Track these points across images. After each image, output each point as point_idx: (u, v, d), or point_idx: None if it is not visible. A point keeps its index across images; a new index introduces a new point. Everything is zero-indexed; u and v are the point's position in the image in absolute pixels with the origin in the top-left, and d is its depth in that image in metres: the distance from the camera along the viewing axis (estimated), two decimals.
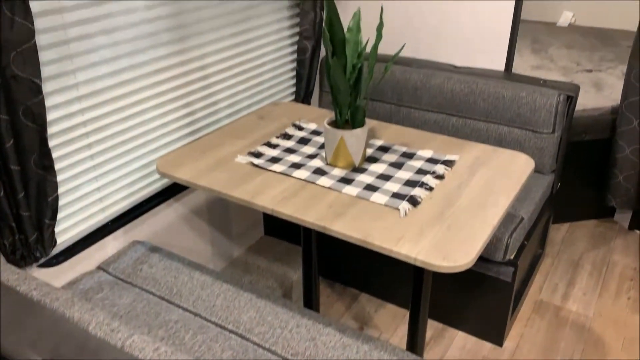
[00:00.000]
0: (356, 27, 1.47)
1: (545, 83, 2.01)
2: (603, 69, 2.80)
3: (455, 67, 2.19)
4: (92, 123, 1.47)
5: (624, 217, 2.57)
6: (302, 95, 2.19)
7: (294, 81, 2.22)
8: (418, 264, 1.15)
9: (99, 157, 1.52)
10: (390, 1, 2.24)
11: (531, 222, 1.90)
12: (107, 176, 1.56)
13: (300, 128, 1.76)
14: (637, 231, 2.53)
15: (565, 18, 3.66)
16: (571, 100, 1.96)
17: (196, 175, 1.47)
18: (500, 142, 2.04)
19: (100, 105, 1.47)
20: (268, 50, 2.03)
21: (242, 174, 1.48)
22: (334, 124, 1.52)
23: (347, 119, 1.50)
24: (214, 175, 1.47)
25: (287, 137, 1.70)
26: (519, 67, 2.82)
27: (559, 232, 2.52)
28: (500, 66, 2.15)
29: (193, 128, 1.81)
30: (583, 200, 2.55)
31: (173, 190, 1.80)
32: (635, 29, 3.39)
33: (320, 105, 2.38)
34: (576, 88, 1.98)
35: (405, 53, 2.29)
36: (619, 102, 2.33)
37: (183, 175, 1.47)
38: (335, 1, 2.27)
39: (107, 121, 1.50)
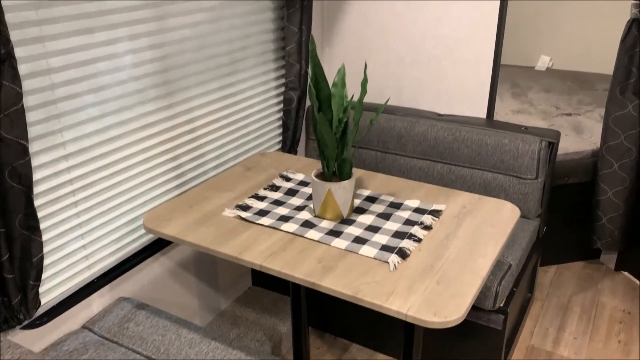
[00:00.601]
0: (341, 82, 1.50)
1: (526, 130, 2.05)
2: (582, 113, 2.87)
3: (439, 114, 2.23)
4: (79, 181, 1.46)
5: (609, 259, 2.59)
6: (289, 144, 2.20)
7: (280, 130, 2.24)
8: (409, 320, 1.15)
9: (85, 214, 1.50)
10: (373, 52, 2.29)
11: (519, 268, 1.90)
12: (94, 233, 1.55)
13: (287, 179, 1.77)
14: (624, 272, 2.54)
15: (542, 62, 3.77)
16: (552, 146, 2.00)
17: (183, 231, 1.46)
18: (485, 188, 2.07)
19: (87, 163, 1.47)
20: (254, 101, 2.06)
21: (230, 228, 1.47)
22: (322, 176, 1.53)
23: (335, 171, 1.51)
24: (201, 230, 1.46)
25: (274, 188, 1.71)
26: (500, 111, 2.89)
27: (546, 275, 2.53)
28: (482, 113, 2.20)
29: (180, 181, 1.81)
30: (569, 242, 2.57)
31: (160, 244, 1.78)
32: (610, 72, 3.49)
33: (307, 153, 2.40)
34: (557, 134, 2.02)
35: (389, 101, 2.34)
36: (599, 145, 2.38)
37: (170, 231, 1.46)
38: (318, 57, 2.32)
39: (93, 178, 1.50)
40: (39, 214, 1.36)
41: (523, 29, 3.80)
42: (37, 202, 1.36)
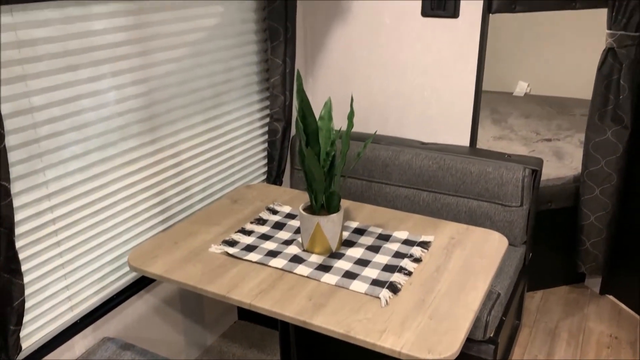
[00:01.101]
0: (328, 116, 1.50)
1: (510, 158, 2.07)
2: (561, 138, 2.92)
3: (423, 143, 2.24)
4: (61, 220, 1.43)
5: (594, 282, 2.61)
6: (274, 175, 2.19)
7: (265, 161, 2.23)
8: (403, 357, 1.13)
9: (68, 253, 1.47)
10: (357, 83, 2.31)
11: (507, 296, 1.90)
12: (76, 273, 1.51)
13: (274, 212, 1.76)
14: (609, 296, 2.56)
15: (520, 88, 3.84)
16: (536, 173, 2.03)
17: (169, 269, 1.43)
18: (471, 215, 2.07)
19: (70, 202, 1.44)
20: (239, 133, 2.05)
21: (217, 265, 1.45)
22: (310, 209, 1.52)
23: (323, 204, 1.51)
24: (188, 268, 1.44)
25: (261, 222, 1.69)
26: (481, 138, 2.92)
27: (533, 301, 2.53)
28: (466, 141, 2.22)
29: (165, 216, 1.78)
30: (554, 267, 2.58)
31: (144, 282, 1.75)
32: (586, 97, 3.57)
33: (292, 183, 2.39)
34: (539, 162, 2.05)
35: (372, 130, 2.35)
36: (580, 171, 2.41)
37: (155, 269, 1.43)
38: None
39: (76, 217, 1.46)
40: (20, 256, 1.33)
41: (501, 55, 3.87)
42: (18, 244, 1.32)
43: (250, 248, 1.53)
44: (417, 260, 1.46)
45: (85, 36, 1.38)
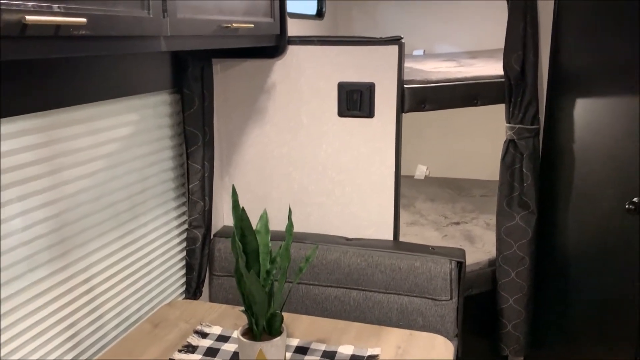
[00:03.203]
0: (264, 229, 1.42)
1: (434, 250, 2.10)
2: (468, 221, 3.05)
3: (347, 239, 2.21)
4: None
5: None
6: (194, 286, 2.03)
7: (183, 272, 2.06)
8: None
9: None
10: (275, 181, 2.26)
11: None
12: None
13: (203, 335, 1.60)
14: None
15: (420, 171, 4.02)
16: (461, 265, 2.06)
17: None
18: (403, 312, 2.04)
19: None
20: (157, 245, 1.89)
21: None
22: (249, 334, 1.40)
23: (264, 326, 1.39)
24: None
25: (191, 349, 1.53)
26: None
27: None
28: (389, 235, 2.22)
29: (77, 351, 1.56)
30: (479, 351, 2.61)
31: None
32: (481, 178, 3.80)
33: (211, 292, 2.22)
34: (462, 253, 2.09)
35: (296, 228, 2.28)
36: (493, 254, 2.50)
37: None
38: (217, 187, 2.23)
39: None
40: None
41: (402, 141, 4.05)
42: None
43: None
44: None
45: None
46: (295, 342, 1.55)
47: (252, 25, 1.71)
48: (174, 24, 1.33)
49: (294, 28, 3.31)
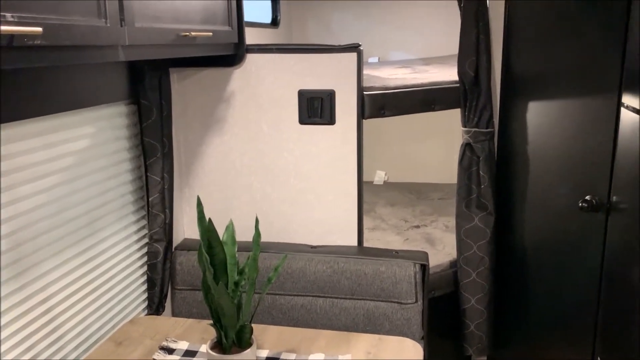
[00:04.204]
0: (231, 240, 1.40)
1: (398, 254, 2.12)
2: (428, 224, 3.10)
3: (312, 247, 2.21)
4: None
5: None
6: (157, 302, 1.98)
7: (145, 287, 2.01)
8: None
9: None
10: (237, 191, 2.23)
11: None
12: None
13: (170, 351, 1.56)
14: None
15: (379, 177, 4.06)
16: (425, 268, 2.08)
17: None
18: (369, 317, 2.05)
19: None
20: (117, 260, 1.84)
21: None
22: (218, 347, 1.37)
23: (233, 339, 1.37)
24: None
25: None
26: None
27: None
28: (353, 241, 2.23)
29: None
30: (444, 352, 2.64)
31: None
32: (438, 181, 3.86)
33: (174, 306, 2.16)
34: (425, 256, 2.12)
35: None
36: (454, 256, 2.54)
37: None
38: (178, 199, 2.18)
39: None
40: None
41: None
42: None
43: None
44: None
45: None
46: (265, 353, 1.53)
47: (211, 33, 1.69)
48: (132, 33, 1.30)
49: (249, 37, 3.31)
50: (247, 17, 3.43)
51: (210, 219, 1.27)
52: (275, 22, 3.75)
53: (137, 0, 1.32)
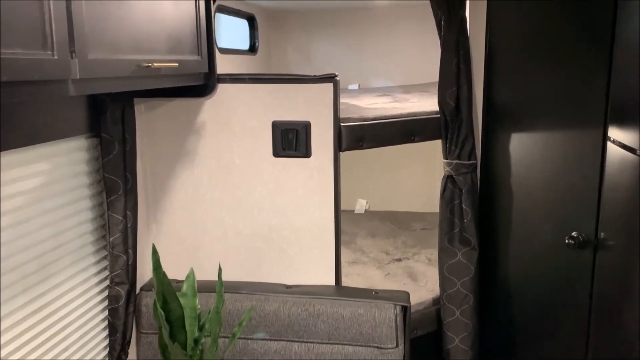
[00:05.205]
0: (191, 291, 1.28)
1: (378, 295, 2.01)
2: (410, 257, 2.99)
3: (287, 286, 2.08)
4: None
5: None
6: (119, 349, 1.84)
7: (106, 333, 1.86)
8: None
9: None
10: (207, 226, 2.12)
11: None
12: None
13: None
14: None
15: (360, 205, 3.96)
16: (406, 309, 1.97)
17: None
18: None
19: None
20: (74, 306, 1.70)
21: None
22: None
23: None
24: None
25: None
26: None
27: None
28: (331, 280, 2.11)
29: None
30: None
31: None
32: (420, 210, 3.77)
33: (139, 352, 2.02)
34: (407, 296, 2.01)
35: (231, 277, 2.13)
36: (437, 292, 2.44)
37: None
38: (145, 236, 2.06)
39: None
40: None
41: (340, 177, 3.99)
42: None
43: None
44: None
45: None
46: None
47: (176, 64, 1.59)
48: (85, 65, 1.19)
49: (225, 64, 3.22)
50: (224, 43, 3.36)
51: (164, 273, 1.15)
52: (253, 49, 3.67)
53: (91, 29, 1.22)
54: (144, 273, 2.09)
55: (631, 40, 1.56)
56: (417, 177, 3.84)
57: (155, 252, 1.18)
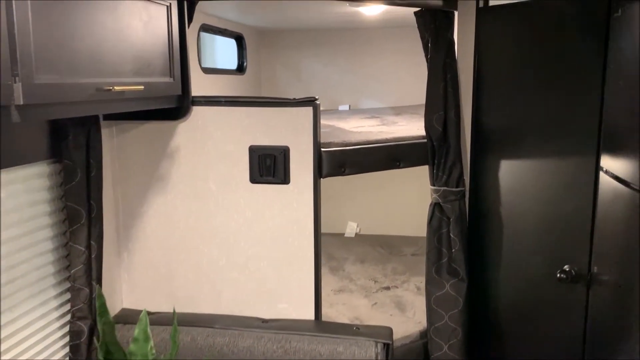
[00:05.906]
0: (143, 336, 1.18)
1: (359, 330, 1.89)
2: (399, 285, 2.88)
3: (264, 320, 1.97)
4: None
5: None
6: None
7: None
8: None
9: None
10: (181, 255, 2.01)
11: None
12: None
13: None
14: None
15: (350, 229, 3.86)
16: (388, 347, 1.86)
17: None
18: None
19: None
20: (31, 343, 1.58)
21: None
22: None
23: None
24: None
25: None
26: (322, 292, 2.75)
27: None
28: (310, 314, 2.00)
29: None
30: None
31: None
32: (411, 234, 3.66)
33: None
34: (389, 332, 1.90)
35: (205, 309, 2.02)
36: (424, 324, 2.32)
37: None
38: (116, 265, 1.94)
39: None
40: None
41: (330, 199, 3.89)
42: None
43: None
44: None
45: None
46: None
47: (142, 87, 1.50)
48: (30, 90, 1.10)
49: (211, 84, 3.14)
50: (210, 63, 3.28)
51: (110, 321, 1.05)
52: (241, 69, 3.59)
53: (39, 51, 1.12)
54: (115, 304, 1.98)
55: (623, 64, 1.48)
56: (410, 200, 3.73)
57: (100, 296, 1.07)
